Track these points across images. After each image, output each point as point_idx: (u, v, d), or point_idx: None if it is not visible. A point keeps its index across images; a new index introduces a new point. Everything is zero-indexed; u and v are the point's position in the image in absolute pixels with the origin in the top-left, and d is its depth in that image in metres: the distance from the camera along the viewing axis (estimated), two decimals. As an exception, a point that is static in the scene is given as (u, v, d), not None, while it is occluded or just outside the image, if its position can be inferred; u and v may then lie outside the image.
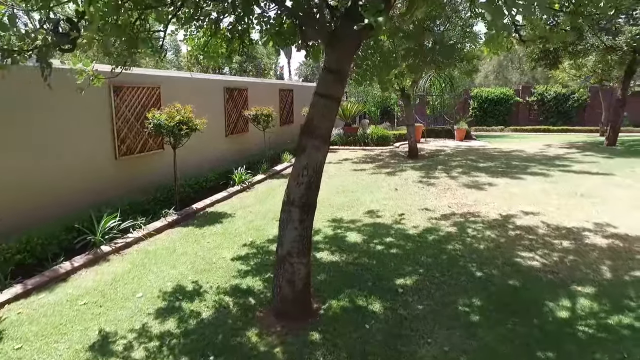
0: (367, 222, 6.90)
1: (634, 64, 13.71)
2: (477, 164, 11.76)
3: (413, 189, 8.96)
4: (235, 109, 11.98)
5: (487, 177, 9.82)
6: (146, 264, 5.50)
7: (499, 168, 11.00)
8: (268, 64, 27.61)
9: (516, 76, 46.47)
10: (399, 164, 12.11)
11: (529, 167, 10.92)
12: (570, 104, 24.37)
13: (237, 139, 12.18)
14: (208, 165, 10.57)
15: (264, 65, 26.28)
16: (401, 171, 10.96)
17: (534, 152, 13.80)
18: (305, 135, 3.71)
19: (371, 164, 12.20)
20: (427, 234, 6.19)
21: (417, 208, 7.56)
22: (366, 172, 11.03)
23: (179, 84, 9.69)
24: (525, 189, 8.63)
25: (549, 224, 6.42)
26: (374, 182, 9.85)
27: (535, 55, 13.97)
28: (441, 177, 10.11)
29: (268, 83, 14.61)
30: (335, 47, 3.56)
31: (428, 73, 18.85)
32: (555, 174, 9.97)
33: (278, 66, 38.53)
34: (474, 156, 13.18)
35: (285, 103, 15.53)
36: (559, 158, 12.34)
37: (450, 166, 11.47)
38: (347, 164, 12.45)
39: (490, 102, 25.17)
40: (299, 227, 3.81)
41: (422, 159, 12.94)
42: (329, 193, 8.90)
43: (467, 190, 8.67)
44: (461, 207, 7.48)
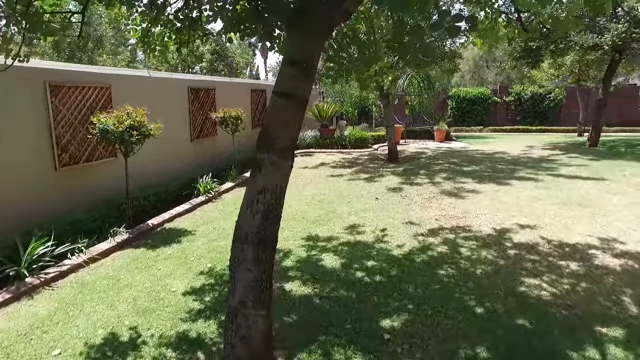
0: (345, 240, 5.99)
1: (615, 64, 13.21)
2: (461, 167, 11.01)
3: (395, 198, 8.10)
4: (202, 111, 10.92)
5: (473, 184, 9.03)
6: (78, 302, 4.46)
7: (484, 172, 10.25)
8: (241, 63, 26.44)
9: (492, 76, 46.45)
10: (378, 168, 11.25)
11: (516, 171, 10.20)
12: (546, 104, 24.05)
13: (204, 144, 11.13)
14: (171, 173, 9.50)
15: (236, 64, 25.10)
16: (381, 177, 10.10)
17: (517, 153, 13.15)
18: (261, 149, 2.77)
19: (349, 169, 11.32)
20: (414, 255, 5.31)
21: (400, 221, 6.68)
22: (344, 179, 10.13)
23: (135, 84, 8.59)
24: (517, 197, 7.87)
25: (550, 240, 5.62)
26: (352, 190, 8.95)
27: (516, 54, 13.34)
28: (424, 183, 9.29)
29: (238, 83, 13.58)
30: (299, 30, 2.63)
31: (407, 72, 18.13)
32: (545, 179, 9.26)
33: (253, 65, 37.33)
34: (456, 159, 12.44)
35: (258, 104, 14.52)
36: (544, 160, 11.69)
37: (433, 170, 10.67)
38: (324, 169, 11.53)
39: (469, 102, 24.67)
40: (254, 270, 2.86)
41: (403, 162, 12.13)
42: (303, 204, 7.96)
43: (454, 200, 7.85)
44: (450, 220, 6.64)
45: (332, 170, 11.29)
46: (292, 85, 2.67)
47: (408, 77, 17.92)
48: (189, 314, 4.15)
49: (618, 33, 10.95)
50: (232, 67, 23.36)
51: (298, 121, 2.75)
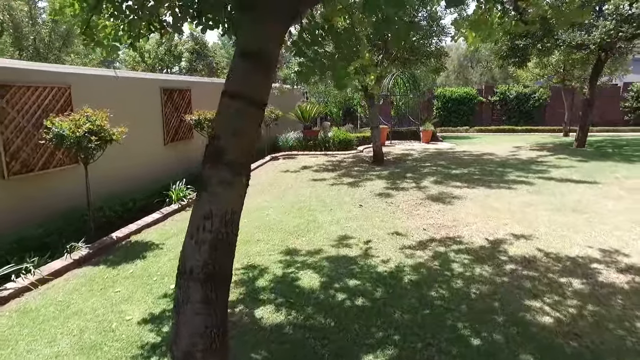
0: (326, 254, 5.43)
1: (601, 63, 12.90)
2: (449, 170, 10.53)
3: (380, 205, 7.57)
4: (176, 112, 10.27)
5: (462, 188, 8.55)
6: (12, 338, 3.82)
7: (474, 175, 9.79)
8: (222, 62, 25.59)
9: (476, 76, 46.39)
10: (363, 172, 10.72)
11: (505, 174, 9.76)
12: (531, 104, 23.84)
13: (179, 148, 10.47)
14: (142, 180, 8.84)
15: (217, 63, 24.32)
16: (366, 181, 9.57)
17: (505, 155, 12.75)
18: (208, 163, 2.19)
19: (332, 173, 10.77)
20: (401, 272, 4.77)
21: (386, 232, 6.15)
22: (327, 183, 9.57)
23: (100, 85, 7.92)
24: (508, 202, 7.39)
25: (548, 253, 5.14)
26: (335, 196, 8.40)
27: (503, 53, 12.94)
28: (411, 188, 8.78)
29: (217, 82, 12.95)
30: (253, 13, 2.06)
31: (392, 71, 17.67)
32: (536, 182, 8.82)
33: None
34: (444, 161, 11.98)
35: (238, 105, 13.89)
36: (533, 162, 11.29)
37: (420, 174, 10.18)
38: (306, 172, 10.96)
39: (454, 102, 24.33)
40: (203, 312, 2.28)
41: (389, 165, 11.63)
42: (282, 212, 7.39)
43: (442, 206, 7.35)
44: (439, 230, 6.13)
45: (315, 174, 10.73)
46: (245, 83, 2.09)
47: (393, 76, 17.46)
48: (142, 349, 3.55)
49: (606, 30, 10.59)
50: (212, 67, 22.61)
51: (254, 128, 2.18)
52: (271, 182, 9.97)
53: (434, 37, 10.92)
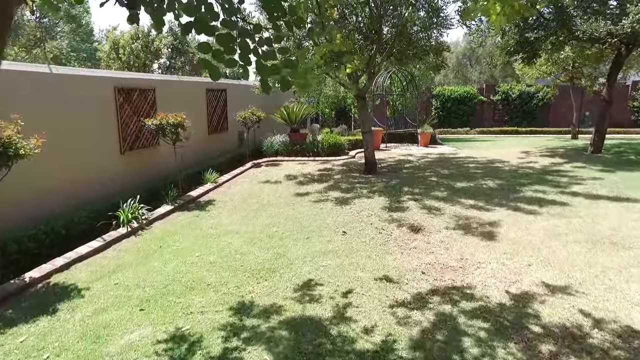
0: (289, 314, 3.93)
1: (621, 58, 11.37)
2: (453, 182, 9.01)
3: (368, 232, 6.05)
4: (136, 116, 8.75)
5: (470, 209, 7.02)
6: None
7: (482, 188, 8.27)
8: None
9: (475, 75, 44.84)
10: (353, 184, 9.20)
11: (520, 188, 8.22)
12: (534, 103, 22.33)
13: (140, 157, 8.96)
14: (88, 197, 7.34)
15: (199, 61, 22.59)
16: (355, 197, 8.05)
17: (515, 162, 11.22)
18: None
19: (318, 185, 9.25)
20: (389, 353, 3.27)
21: (372, 275, 4.65)
22: (309, 199, 8.06)
23: (31, 84, 6.39)
24: (527, 230, 5.87)
25: (599, 320, 3.63)
26: (316, 217, 6.89)
27: (510, 48, 11.43)
28: (408, 206, 7.26)
29: (189, 81, 11.41)
30: None
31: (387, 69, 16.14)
32: (558, 200, 7.28)
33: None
34: (446, 169, 10.45)
35: (216, 106, 12.36)
36: (549, 172, 9.75)
37: (418, 187, 8.66)
38: (288, 184, 9.44)
39: (454, 102, 22.81)
40: None
41: (383, 175, 10.11)
42: (249, 240, 5.89)
43: (446, 234, 5.84)
44: (442, 274, 4.62)
45: (298, 186, 9.21)
46: None
47: (389, 74, 15.92)
48: None
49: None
50: (194, 64, 20.91)
51: None
52: (245, 197, 8.46)
53: (434, 29, 9.39)
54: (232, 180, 10.20)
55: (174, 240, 6.24)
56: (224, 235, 6.27)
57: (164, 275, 5.02)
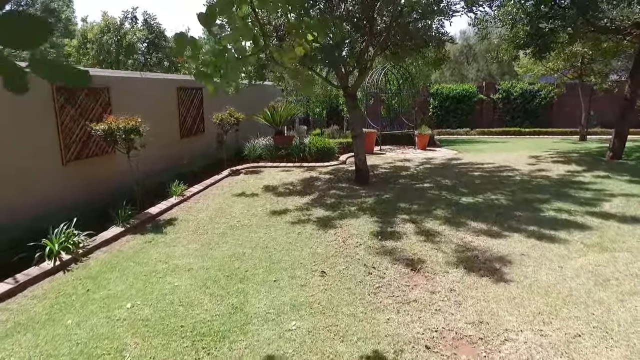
0: None
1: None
2: (456, 196, 7.63)
3: (355, 272, 4.65)
4: (84, 119, 7.31)
5: (482, 236, 5.60)
6: None
7: (492, 205, 6.90)
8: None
9: (473, 72, 43.45)
10: (340, 198, 7.80)
11: (538, 205, 6.83)
12: (537, 102, 20.98)
13: (90, 168, 7.52)
14: (14, 219, 5.90)
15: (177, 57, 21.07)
16: (340, 217, 6.64)
17: (526, 169, 9.83)
18: None
19: (300, 199, 7.85)
20: None
21: (358, 352, 3.25)
22: (286, 219, 6.67)
23: None
24: (564, 272, 4.45)
25: None
26: (290, 247, 5.49)
27: (519, 40, 10.06)
28: (404, 231, 5.86)
29: (155, 79, 9.94)
30: None
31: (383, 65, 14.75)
32: (590, 224, 5.84)
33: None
34: (448, 179, 9.06)
35: (190, 107, 10.92)
36: (568, 183, 8.33)
37: (417, 203, 7.27)
38: (265, 198, 8.04)
39: (452, 100, 21.43)
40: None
41: (376, 186, 8.71)
42: (200, 284, 4.49)
43: (455, 276, 4.44)
44: (455, 350, 3.23)
45: (276, 200, 7.81)
46: None
47: (384, 70, 14.50)
48: None
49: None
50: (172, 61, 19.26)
51: None
52: (213, 215, 7.05)
53: (434, 16, 8.00)
54: (203, 192, 8.78)
55: (108, 280, 4.83)
56: (173, 273, 4.87)
57: (71, 343, 3.62)
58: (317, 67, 9.52)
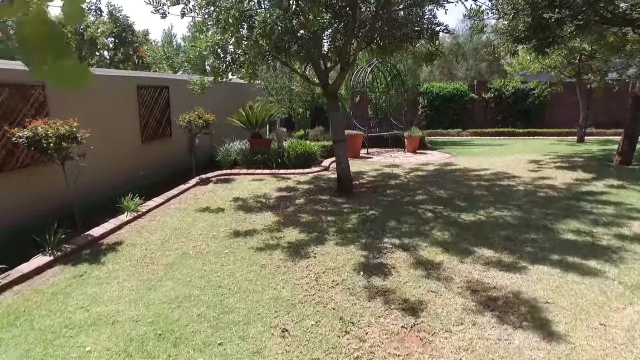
0: None
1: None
2: (455, 212, 6.48)
3: (326, 330, 3.46)
4: (7, 123, 6.01)
5: (491, 266, 4.46)
6: None
7: (498, 223, 5.76)
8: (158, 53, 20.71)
9: (462, 71, 42.52)
10: (318, 215, 6.61)
11: (551, 224, 5.68)
12: (530, 101, 20.00)
13: (21, 181, 6.23)
14: None
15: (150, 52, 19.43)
16: (316, 242, 5.45)
17: (528, 177, 8.72)
18: None
19: (271, 216, 6.65)
20: None
21: None
22: (252, 243, 5.46)
23: None
24: (612, 339, 3.29)
25: None
26: (248, 288, 4.29)
27: (519, 33, 8.97)
28: (393, 263, 4.69)
29: (108, 75, 8.60)
30: None
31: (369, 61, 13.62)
32: (618, 251, 4.71)
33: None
34: (442, 189, 7.92)
35: (154, 107, 9.63)
36: (579, 195, 7.19)
37: (409, 222, 6.10)
38: (232, 214, 6.83)
39: (443, 100, 20.32)
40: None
41: (360, 198, 7.54)
42: (119, 349, 3.27)
43: (459, 341, 3.28)
44: None
45: (244, 218, 6.59)
46: None
47: (370, 67, 13.32)
48: None
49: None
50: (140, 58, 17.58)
51: None
52: (166, 238, 5.83)
53: (426, 3, 6.83)
54: (163, 206, 7.54)
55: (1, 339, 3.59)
56: (91, 329, 3.64)
57: None
58: (295, 62, 8.34)
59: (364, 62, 14.50)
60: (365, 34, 6.98)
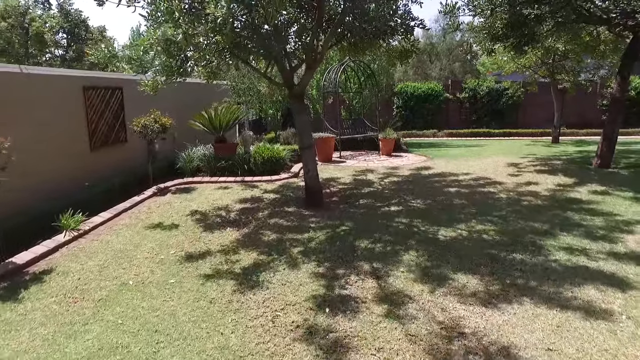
0: None
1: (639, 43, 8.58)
2: (433, 226, 5.84)
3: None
4: None
5: (474, 301, 3.81)
6: None
7: (480, 240, 5.15)
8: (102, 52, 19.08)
9: (436, 71, 42.41)
10: (281, 232, 5.87)
11: (542, 242, 5.08)
12: (504, 102, 19.77)
13: None
14: None
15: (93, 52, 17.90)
16: (275, 267, 4.70)
17: (509, 183, 8.18)
18: None
19: (229, 233, 5.88)
20: None
21: None
22: (201, 272, 4.67)
23: None
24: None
25: None
26: (191, 333, 3.52)
27: (498, 30, 8.45)
28: (365, 301, 3.99)
29: (46, 75, 7.58)
30: None
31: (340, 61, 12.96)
32: (620, 274, 4.15)
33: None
34: (419, 198, 7.29)
35: (105, 111, 8.68)
36: (564, 203, 6.67)
37: (382, 239, 5.43)
38: (187, 231, 6.02)
39: (418, 100, 19.87)
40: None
41: (330, 211, 6.83)
42: None
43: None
44: None
45: (198, 237, 5.79)
46: None
47: (342, 66, 12.63)
48: None
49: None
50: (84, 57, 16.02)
51: None
52: (106, 263, 4.99)
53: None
54: (110, 222, 6.66)
55: None
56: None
57: None
58: (259, 60, 7.56)
59: (335, 61, 13.82)
60: (334, 29, 6.27)
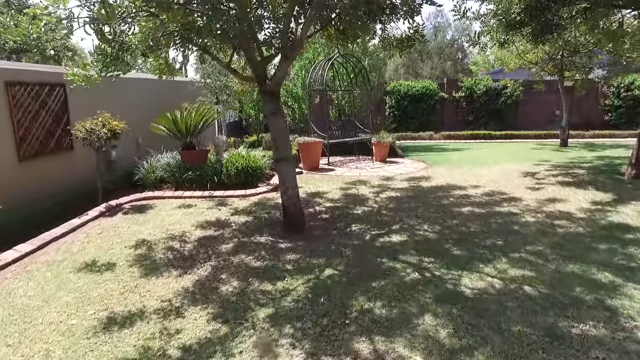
0: None
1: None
2: (455, 274, 4.35)
3: None
4: None
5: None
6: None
7: (526, 302, 3.66)
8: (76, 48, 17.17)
9: (427, 70, 41.06)
10: (247, 279, 4.33)
11: (611, 301, 3.57)
12: (502, 101, 18.41)
13: None
14: None
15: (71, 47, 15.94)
16: (231, 349, 3.18)
17: (531, 200, 6.70)
18: None
19: (177, 280, 4.32)
20: None
21: None
22: (121, 350, 3.12)
23: None
24: None
25: None
26: None
27: (516, 16, 7.02)
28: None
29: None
30: None
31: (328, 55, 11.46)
32: None
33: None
34: (427, 224, 5.77)
35: (39, 111, 7.05)
36: (613, 231, 5.18)
37: (387, 298, 3.93)
38: (123, 274, 4.46)
39: (412, 99, 18.40)
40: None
41: (313, 241, 5.30)
42: None
43: None
44: None
45: (135, 284, 4.23)
46: None
47: (330, 61, 11.07)
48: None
49: None
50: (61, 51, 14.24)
51: None
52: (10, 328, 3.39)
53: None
54: (29, 257, 5.07)
55: None
56: None
57: None
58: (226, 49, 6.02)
59: (322, 56, 12.28)
60: (318, 8, 4.74)
